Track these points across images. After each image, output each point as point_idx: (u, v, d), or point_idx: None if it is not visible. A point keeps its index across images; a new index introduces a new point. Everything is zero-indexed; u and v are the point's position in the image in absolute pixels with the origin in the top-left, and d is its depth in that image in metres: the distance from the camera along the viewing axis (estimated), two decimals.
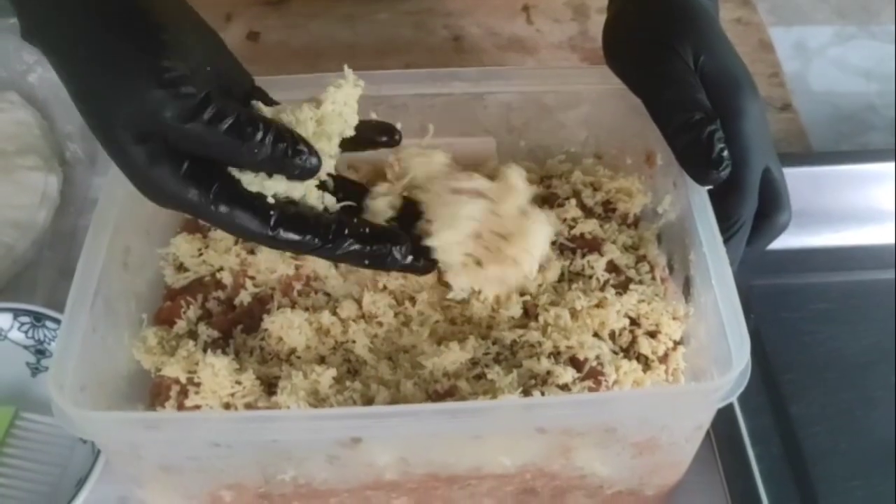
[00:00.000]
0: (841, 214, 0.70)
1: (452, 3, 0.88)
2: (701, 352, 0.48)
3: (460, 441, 0.44)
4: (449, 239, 0.47)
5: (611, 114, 0.57)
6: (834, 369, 0.64)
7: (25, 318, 0.62)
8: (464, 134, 0.59)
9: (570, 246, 0.53)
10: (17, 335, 0.62)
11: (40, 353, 0.61)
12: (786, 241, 0.66)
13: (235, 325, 0.52)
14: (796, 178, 0.67)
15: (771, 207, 0.50)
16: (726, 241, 0.48)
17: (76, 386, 0.43)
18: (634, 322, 0.49)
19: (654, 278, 0.52)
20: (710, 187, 0.49)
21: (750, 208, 0.49)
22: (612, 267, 0.52)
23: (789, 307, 0.67)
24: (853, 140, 0.79)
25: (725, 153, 0.47)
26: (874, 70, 0.84)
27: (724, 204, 0.49)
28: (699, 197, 0.49)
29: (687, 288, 0.50)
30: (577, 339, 0.46)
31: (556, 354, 0.47)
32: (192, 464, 0.45)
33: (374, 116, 0.56)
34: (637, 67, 0.52)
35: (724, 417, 0.58)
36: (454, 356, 0.46)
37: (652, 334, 0.49)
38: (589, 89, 0.58)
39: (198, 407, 0.46)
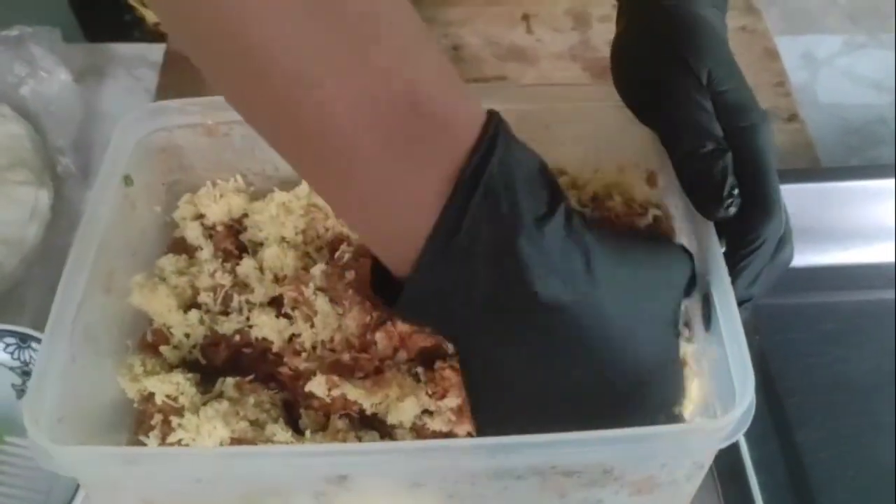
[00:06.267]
0: (848, 231, 0.68)
1: (452, 12, 0.86)
2: (705, 384, 0.46)
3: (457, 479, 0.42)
4: None
5: (610, 132, 0.55)
6: (842, 393, 0.62)
7: (11, 340, 0.61)
8: None
9: None
10: (2, 356, 0.60)
11: (26, 374, 0.60)
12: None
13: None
14: (801, 195, 0.66)
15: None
16: (745, 258, 0.45)
17: (53, 418, 0.42)
18: None
19: None
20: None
21: (775, 228, 0.45)
22: None
23: (796, 328, 0.65)
24: (862, 154, 0.77)
25: (736, 191, 0.44)
26: (884, 81, 0.82)
27: (746, 222, 0.45)
28: (705, 223, 0.47)
29: (706, 309, 0.47)
30: None
31: None
32: (174, 498, 0.44)
33: None
34: (646, 88, 0.49)
35: None
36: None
37: None
38: (588, 106, 0.56)
39: (180, 441, 0.45)
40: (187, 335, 0.52)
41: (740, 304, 0.44)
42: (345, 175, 0.36)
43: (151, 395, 0.49)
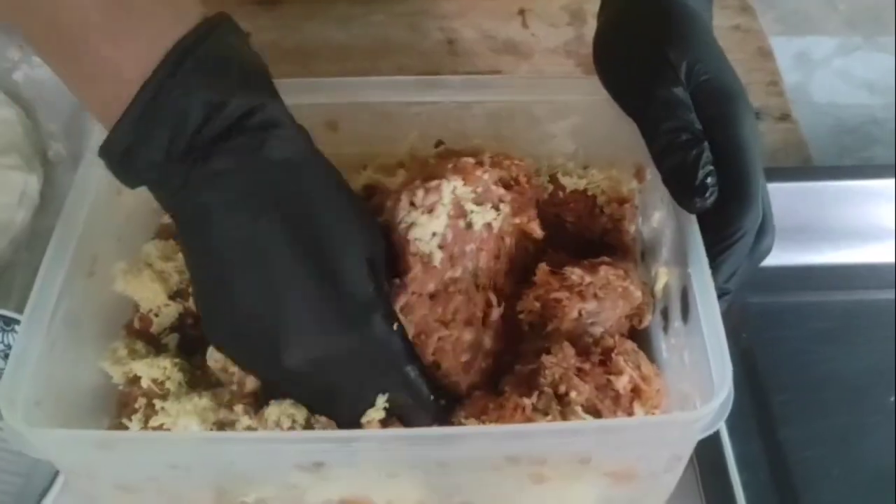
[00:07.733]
0: (841, 231, 0.68)
1: (447, 6, 0.86)
2: (685, 376, 0.46)
3: (430, 468, 0.42)
4: None
5: (600, 126, 0.55)
6: (829, 392, 0.61)
7: None
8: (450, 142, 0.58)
9: None
10: None
11: (9, 357, 0.60)
12: (783, 257, 0.65)
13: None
14: (794, 194, 0.66)
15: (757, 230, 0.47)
16: (724, 251, 0.45)
17: (30, 400, 0.42)
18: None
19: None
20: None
21: (752, 219, 0.45)
22: None
23: (785, 326, 0.65)
24: (856, 154, 0.77)
25: (710, 180, 0.44)
26: (878, 82, 0.82)
27: (724, 213, 0.45)
28: (687, 217, 0.47)
29: (685, 303, 0.47)
30: None
31: None
32: (149, 484, 0.44)
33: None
34: (626, 79, 0.49)
35: (708, 441, 0.55)
36: None
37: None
38: (578, 100, 0.56)
39: (162, 425, 0.45)
40: (171, 325, 0.52)
41: (720, 296, 0.44)
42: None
43: (138, 378, 0.49)
